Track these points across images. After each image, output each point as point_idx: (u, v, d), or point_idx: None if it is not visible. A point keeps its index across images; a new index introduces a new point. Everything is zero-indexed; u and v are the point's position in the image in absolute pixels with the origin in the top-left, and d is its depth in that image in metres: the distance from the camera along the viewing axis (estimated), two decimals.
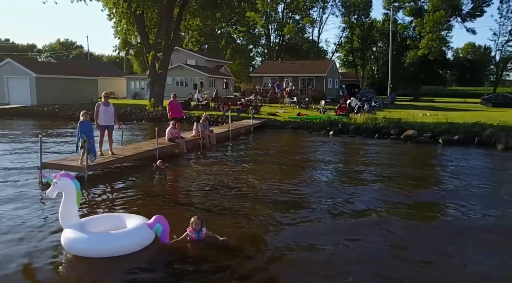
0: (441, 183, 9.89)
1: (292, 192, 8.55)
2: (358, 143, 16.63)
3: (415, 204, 8.04)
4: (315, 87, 39.06)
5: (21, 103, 29.56)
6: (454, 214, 7.38)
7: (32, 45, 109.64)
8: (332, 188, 9.09)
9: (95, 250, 5.05)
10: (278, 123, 21.39)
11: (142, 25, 25.83)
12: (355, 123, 19.65)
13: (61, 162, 9.20)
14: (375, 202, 7.96)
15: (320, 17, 62.42)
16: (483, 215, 7.31)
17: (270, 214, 7.08)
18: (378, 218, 7.02)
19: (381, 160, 12.83)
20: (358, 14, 58.22)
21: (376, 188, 9.11)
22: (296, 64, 44.31)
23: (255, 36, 66.30)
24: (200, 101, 28.05)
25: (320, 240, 5.95)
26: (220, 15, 27.44)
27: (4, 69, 30.99)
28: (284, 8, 62.15)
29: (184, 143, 13.01)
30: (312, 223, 6.74)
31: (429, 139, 16.50)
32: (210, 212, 7.15)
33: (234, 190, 8.65)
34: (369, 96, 35.48)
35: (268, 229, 6.42)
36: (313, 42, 63.34)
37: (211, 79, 41.97)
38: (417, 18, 49.98)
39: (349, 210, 7.47)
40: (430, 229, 6.61)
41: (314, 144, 16.48)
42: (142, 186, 8.84)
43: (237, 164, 11.59)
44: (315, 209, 7.49)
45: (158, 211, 6.88)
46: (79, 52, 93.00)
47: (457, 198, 8.32)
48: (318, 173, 10.59)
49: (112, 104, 10.53)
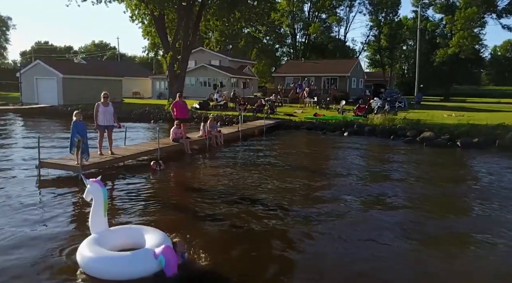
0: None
1: (292, 197, 8.22)
2: (368, 145, 16.10)
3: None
4: (338, 87, 38.35)
5: (49, 102, 30.64)
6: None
7: (69, 47, 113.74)
8: (327, 193, 8.78)
9: (91, 269, 4.70)
10: (293, 124, 21.09)
11: (161, 26, 26.15)
12: (371, 124, 19.08)
13: (58, 161, 9.37)
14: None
15: (347, 15, 61.39)
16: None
17: (267, 222, 6.78)
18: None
19: (379, 166, 12.32)
20: (386, 12, 56.71)
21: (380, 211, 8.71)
22: (319, 63, 43.68)
23: (281, 35, 65.94)
24: (219, 101, 28.09)
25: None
26: (240, 15, 27.31)
27: (33, 70, 32.27)
28: (310, 7, 61.51)
29: (189, 143, 12.99)
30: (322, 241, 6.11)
31: (446, 141, 15.73)
32: (197, 219, 6.91)
33: (231, 194, 8.36)
34: (394, 96, 34.50)
35: (267, 246, 5.95)
36: (339, 41, 62.29)
37: (233, 79, 42.06)
38: (448, 15, 48.07)
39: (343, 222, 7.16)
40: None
41: (324, 146, 16.13)
42: (134, 188, 8.77)
43: (241, 166, 11.37)
44: (320, 221, 7.07)
45: (144, 216, 6.90)
46: (112, 54, 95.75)
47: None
48: (316, 177, 10.28)
49: (111, 104, 10.62)
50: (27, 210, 7.06)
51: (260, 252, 5.64)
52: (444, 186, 9.45)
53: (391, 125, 18.50)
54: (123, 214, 7.05)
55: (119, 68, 48.55)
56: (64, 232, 6.13)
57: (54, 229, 6.23)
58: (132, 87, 48.23)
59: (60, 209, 7.21)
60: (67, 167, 9.06)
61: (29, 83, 32.26)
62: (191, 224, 6.68)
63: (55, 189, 8.42)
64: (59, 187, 8.57)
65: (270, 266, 5.21)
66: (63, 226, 6.40)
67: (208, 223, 6.68)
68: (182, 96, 14.07)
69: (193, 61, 47.72)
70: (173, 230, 6.06)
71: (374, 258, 5.44)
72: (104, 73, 35.83)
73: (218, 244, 5.86)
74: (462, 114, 25.22)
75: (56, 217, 6.76)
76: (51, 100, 30.89)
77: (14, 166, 10.71)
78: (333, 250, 5.71)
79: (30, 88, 32.24)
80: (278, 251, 5.68)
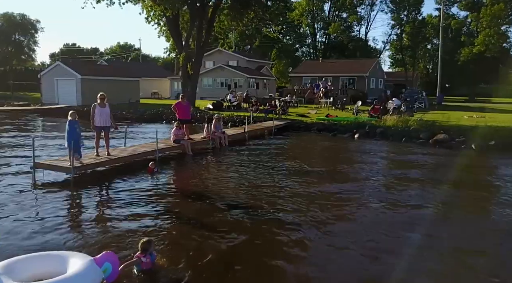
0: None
1: (294, 203, 7.84)
2: (378, 147, 15.56)
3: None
4: (356, 87, 37.62)
5: (69, 103, 31.26)
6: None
7: (95, 48, 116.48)
8: (322, 200, 8.44)
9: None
10: (303, 125, 20.68)
11: (174, 27, 26.24)
12: (383, 126, 18.48)
13: (51, 162, 9.39)
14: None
15: (368, 14, 60.21)
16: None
17: (263, 230, 6.54)
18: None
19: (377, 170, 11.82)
20: (408, 10, 55.26)
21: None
22: (337, 63, 43.00)
23: (300, 35, 65.37)
24: (232, 102, 27.97)
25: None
26: (254, 15, 27.11)
27: (54, 71, 33.09)
28: (330, 6, 60.71)
29: (189, 145, 12.85)
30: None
31: (461, 144, 15.00)
32: (189, 226, 6.65)
33: (229, 199, 8.07)
34: (414, 97, 33.53)
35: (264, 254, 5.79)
36: (360, 41, 61.20)
37: (250, 80, 41.92)
38: (473, 13, 46.37)
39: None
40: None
41: (332, 148, 15.69)
42: (127, 190, 8.58)
43: (242, 169, 11.03)
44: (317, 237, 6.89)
45: (133, 221, 6.67)
46: (136, 55, 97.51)
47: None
48: (316, 180, 9.92)
49: (108, 105, 10.57)
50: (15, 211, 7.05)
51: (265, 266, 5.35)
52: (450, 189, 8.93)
53: (404, 126, 17.86)
54: (112, 218, 6.91)
55: (139, 69, 49.26)
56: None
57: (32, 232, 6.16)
58: (151, 88, 48.84)
59: (47, 212, 7.12)
60: (59, 168, 9.07)
61: (50, 84, 33.10)
62: (181, 232, 6.42)
63: (47, 191, 8.41)
64: (52, 188, 8.58)
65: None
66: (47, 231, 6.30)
67: (202, 232, 6.34)
68: (184, 97, 13.98)
69: (211, 61, 47.98)
70: (163, 238, 5.94)
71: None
72: (122, 74, 36.36)
73: (219, 259, 5.43)
74: (483, 115, 24.15)
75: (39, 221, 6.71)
76: (70, 101, 31.51)
77: (12, 166, 10.81)
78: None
79: (51, 89, 33.06)
80: (291, 265, 5.33)
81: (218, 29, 29.92)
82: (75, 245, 5.67)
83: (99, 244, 5.67)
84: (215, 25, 28.91)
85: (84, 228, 6.40)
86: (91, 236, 6.06)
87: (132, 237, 5.94)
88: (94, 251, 5.21)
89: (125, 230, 6.28)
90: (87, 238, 5.95)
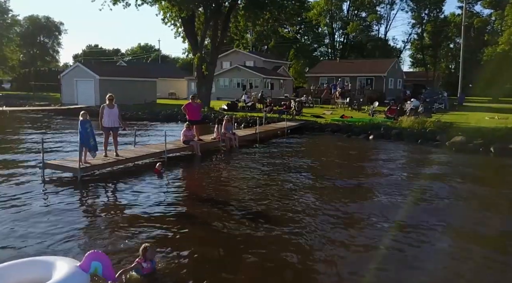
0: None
1: (309, 212, 7.62)
2: (392, 150, 15.17)
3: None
4: (374, 88, 37.01)
5: (87, 103, 31.84)
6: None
7: (117, 49, 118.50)
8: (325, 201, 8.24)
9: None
10: (317, 126, 20.42)
11: (189, 27, 26.34)
12: (399, 127, 18.06)
13: (59, 163, 9.50)
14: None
15: (388, 13, 59.17)
16: None
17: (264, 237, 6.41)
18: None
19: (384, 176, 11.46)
20: (429, 9, 54.00)
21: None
22: (354, 63, 42.40)
23: (318, 35, 64.81)
24: (247, 103, 27.90)
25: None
26: (269, 15, 26.96)
27: (74, 72, 33.79)
28: (349, 6, 59.96)
29: (199, 146, 12.82)
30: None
31: (478, 147, 14.48)
32: (193, 230, 6.53)
33: (237, 203, 7.90)
34: (434, 97, 32.72)
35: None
36: (379, 40, 60.21)
37: (266, 80, 41.78)
38: (498, 10, 44.94)
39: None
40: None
41: (346, 150, 15.40)
42: (134, 191, 8.58)
43: (251, 171, 10.86)
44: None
45: (136, 224, 6.61)
46: (156, 55, 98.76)
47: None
48: (329, 185, 9.72)
49: (116, 106, 10.65)
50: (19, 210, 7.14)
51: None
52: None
53: (420, 128, 17.40)
54: (116, 220, 6.92)
55: (157, 69, 49.80)
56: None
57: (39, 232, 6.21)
58: (169, 88, 49.32)
59: (52, 214, 7.17)
60: (67, 168, 9.17)
61: (70, 85, 33.81)
62: (185, 236, 6.30)
63: (54, 191, 8.51)
64: (59, 188, 8.67)
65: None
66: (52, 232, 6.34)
67: (206, 236, 6.25)
68: (195, 98, 13.97)
69: (228, 62, 48.13)
70: (165, 242, 5.88)
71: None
72: (140, 75, 36.81)
73: (223, 266, 5.29)
74: (506, 117, 23.34)
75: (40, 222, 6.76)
76: (89, 101, 32.07)
77: (24, 165, 11.01)
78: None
79: (70, 90, 33.76)
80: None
81: (233, 29, 29.90)
82: (74, 248, 5.67)
83: (100, 247, 5.63)
84: (230, 25, 28.91)
85: (86, 231, 6.40)
86: (93, 238, 6.04)
87: (135, 239, 5.92)
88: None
89: (128, 232, 6.25)
90: (88, 241, 5.94)
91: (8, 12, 62.89)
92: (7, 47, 64.19)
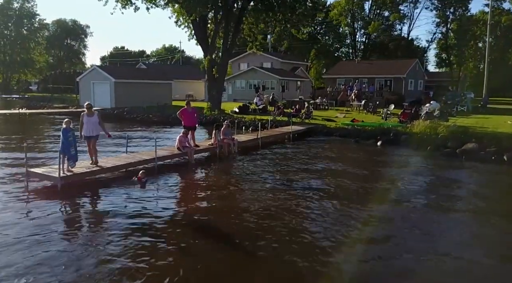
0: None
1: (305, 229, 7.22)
2: (397, 156, 14.47)
3: None
4: (392, 89, 35.86)
5: (103, 105, 32.31)
6: None
7: (142, 51, 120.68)
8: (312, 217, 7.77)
9: None
10: (325, 130, 19.82)
11: (200, 30, 26.20)
12: (410, 133, 17.24)
13: (40, 171, 9.37)
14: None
15: (412, 12, 57.40)
16: None
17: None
18: None
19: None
20: (454, 7, 51.93)
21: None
22: (373, 64, 41.25)
23: (340, 35, 63.66)
24: (258, 105, 27.52)
25: None
26: (282, 16, 26.46)
27: (91, 75, 34.39)
28: (371, 5, 58.57)
29: (193, 152, 12.55)
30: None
31: (491, 155, 13.56)
32: (172, 248, 6.17)
33: (224, 218, 7.54)
34: (456, 99, 31.38)
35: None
36: (402, 40, 58.47)
37: (283, 82, 41.23)
38: None
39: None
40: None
41: (350, 157, 14.77)
42: (112, 202, 8.37)
43: (247, 181, 10.45)
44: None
45: (111, 239, 6.37)
46: (180, 57, 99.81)
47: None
48: (327, 197, 9.22)
49: (97, 113, 10.37)
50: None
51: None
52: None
53: (432, 134, 16.52)
54: (90, 233, 6.76)
55: (176, 71, 50.22)
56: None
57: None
58: (186, 90, 49.59)
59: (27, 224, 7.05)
60: (47, 177, 9.06)
61: (87, 87, 34.41)
62: (162, 254, 6.00)
63: (34, 200, 8.44)
64: (40, 197, 8.58)
65: None
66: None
67: (186, 255, 5.96)
68: (190, 103, 13.73)
69: (245, 63, 47.85)
70: (139, 259, 5.65)
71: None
72: (156, 77, 37.07)
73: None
74: None
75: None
76: (105, 103, 32.56)
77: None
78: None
79: (88, 92, 34.33)
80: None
81: (247, 31, 29.54)
82: (47, 262, 5.52)
83: (71, 265, 5.48)
84: (244, 27, 28.59)
85: (62, 243, 6.27)
86: (64, 252, 5.90)
87: (110, 255, 5.74)
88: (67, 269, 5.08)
89: (101, 247, 6.10)
90: (62, 254, 5.80)
91: (35, 17, 65.08)
92: (35, 50, 66.41)
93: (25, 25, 64.23)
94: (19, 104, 35.99)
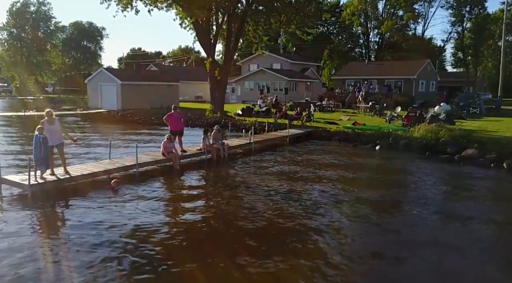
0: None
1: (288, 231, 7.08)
2: (393, 161, 13.93)
3: None
4: (402, 91, 34.95)
5: (110, 107, 32.58)
6: None
7: (159, 52, 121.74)
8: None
9: None
10: (324, 134, 19.34)
11: (202, 33, 26.02)
12: (409, 137, 16.62)
13: (11, 178, 9.22)
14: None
15: (426, 11, 55.97)
16: None
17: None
18: None
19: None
20: (471, 6, 50.33)
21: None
22: (383, 65, 40.36)
23: (353, 35, 62.65)
24: (262, 107, 27.18)
25: None
26: (286, 18, 26.05)
27: (98, 77, 34.68)
28: (385, 5, 57.39)
29: (178, 158, 12.30)
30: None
31: (490, 162, 12.88)
32: (142, 264, 5.86)
33: (201, 233, 7.22)
34: (469, 101, 30.31)
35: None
36: (417, 39, 57.05)
37: (292, 83, 40.79)
38: None
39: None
40: None
41: (346, 163, 14.19)
42: (80, 212, 8.11)
43: (234, 189, 10.07)
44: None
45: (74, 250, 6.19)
46: (196, 58, 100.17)
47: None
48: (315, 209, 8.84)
49: (58, 120, 9.92)
50: None
51: None
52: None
53: (432, 138, 15.87)
54: (56, 244, 6.59)
55: (185, 73, 50.30)
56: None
57: None
58: (196, 91, 49.64)
59: None
60: (18, 184, 8.94)
61: (94, 89, 34.73)
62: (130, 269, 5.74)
63: (5, 207, 8.34)
64: (10, 205, 8.47)
65: None
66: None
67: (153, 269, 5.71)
68: (177, 108, 13.51)
69: (255, 64, 47.61)
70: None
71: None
72: (163, 79, 37.13)
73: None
74: None
75: None
76: (112, 105, 32.81)
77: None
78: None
79: (95, 94, 34.68)
80: None
81: (252, 33, 29.25)
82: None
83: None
84: (249, 28, 28.30)
85: (26, 253, 6.16)
86: (27, 262, 5.79)
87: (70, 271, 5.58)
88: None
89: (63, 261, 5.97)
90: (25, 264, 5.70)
91: (51, 19, 66.27)
92: (51, 52, 67.65)
93: (42, 27, 65.46)
94: (31, 106, 36.55)
